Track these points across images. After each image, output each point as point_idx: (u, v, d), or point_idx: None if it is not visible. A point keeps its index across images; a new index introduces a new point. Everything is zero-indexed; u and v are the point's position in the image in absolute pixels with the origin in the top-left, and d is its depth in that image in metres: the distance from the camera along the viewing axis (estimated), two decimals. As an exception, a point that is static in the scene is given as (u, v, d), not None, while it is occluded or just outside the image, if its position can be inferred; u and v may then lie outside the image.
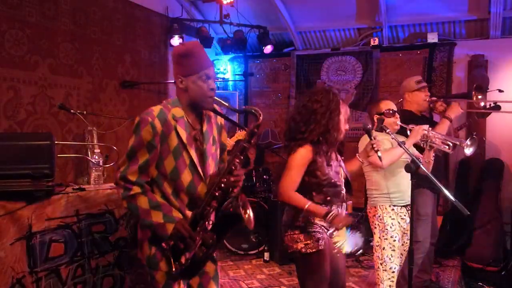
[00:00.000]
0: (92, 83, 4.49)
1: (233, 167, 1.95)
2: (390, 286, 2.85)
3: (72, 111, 3.20)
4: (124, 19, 4.91)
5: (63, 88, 4.19)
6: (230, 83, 6.79)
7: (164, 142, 1.90)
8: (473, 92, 3.49)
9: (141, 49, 5.15)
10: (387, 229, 2.85)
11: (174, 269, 1.90)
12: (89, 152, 3.06)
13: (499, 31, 5.18)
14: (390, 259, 2.84)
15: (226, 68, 6.74)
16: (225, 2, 5.47)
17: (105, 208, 2.62)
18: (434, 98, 3.57)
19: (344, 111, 2.42)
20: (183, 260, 1.91)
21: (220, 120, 2.15)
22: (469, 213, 2.23)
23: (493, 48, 5.26)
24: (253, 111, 2.01)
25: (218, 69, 6.65)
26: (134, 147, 1.89)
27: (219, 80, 6.51)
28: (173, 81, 5.10)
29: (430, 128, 2.93)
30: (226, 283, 4.16)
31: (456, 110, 3.39)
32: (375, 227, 2.90)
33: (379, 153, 2.47)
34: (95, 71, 4.54)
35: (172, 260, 1.91)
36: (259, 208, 4.99)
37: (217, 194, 1.93)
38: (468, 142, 2.95)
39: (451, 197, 2.31)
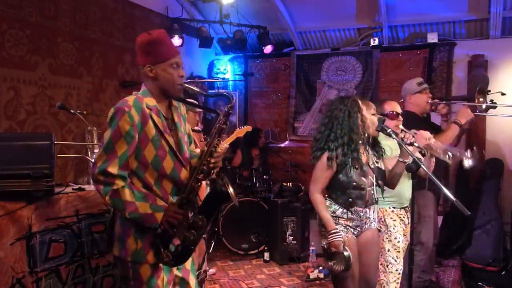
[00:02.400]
0: (92, 83, 4.49)
1: (213, 149, 1.98)
2: None
3: (72, 111, 3.19)
4: (124, 19, 4.91)
5: (63, 88, 4.19)
6: (230, 83, 6.79)
7: (142, 131, 1.86)
8: (476, 95, 3.43)
9: (141, 49, 5.15)
10: (390, 231, 2.86)
11: (166, 258, 1.89)
12: (89, 152, 3.05)
13: (499, 31, 5.18)
14: (395, 260, 2.85)
15: (226, 68, 6.73)
16: (225, 3, 5.47)
17: (105, 208, 2.62)
18: (436, 101, 3.51)
19: (366, 110, 2.55)
20: (171, 248, 1.91)
21: (183, 111, 2.16)
22: (469, 213, 2.23)
23: (493, 48, 5.26)
24: (225, 93, 2.15)
25: (218, 69, 6.66)
26: (112, 138, 1.82)
27: (219, 80, 6.51)
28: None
29: (433, 138, 2.90)
30: (226, 283, 4.16)
31: (467, 115, 3.28)
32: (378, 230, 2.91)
33: (416, 144, 2.47)
34: (95, 71, 4.54)
35: (162, 249, 1.89)
36: (259, 208, 4.99)
37: (200, 177, 1.96)
38: (468, 154, 2.92)
39: (452, 197, 2.30)
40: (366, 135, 2.56)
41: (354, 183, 2.45)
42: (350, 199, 2.46)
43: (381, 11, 5.46)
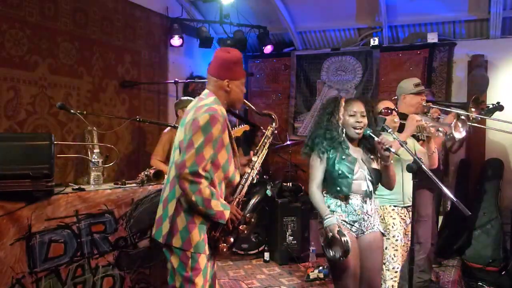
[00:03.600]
0: (92, 83, 4.49)
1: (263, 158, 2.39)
2: (392, 286, 2.86)
3: (72, 111, 3.19)
4: (124, 19, 4.91)
5: (63, 88, 4.19)
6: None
7: (221, 137, 2.13)
8: (470, 105, 3.41)
9: (141, 49, 5.15)
10: (389, 229, 2.86)
11: (225, 249, 2.22)
12: (89, 152, 3.05)
13: (499, 31, 5.18)
14: (393, 258, 2.85)
15: (226, 68, 6.72)
16: (225, 3, 5.47)
17: (105, 208, 2.62)
18: (429, 104, 3.49)
19: (345, 111, 2.58)
20: (231, 239, 2.23)
21: None
22: (470, 213, 2.23)
23: (493, 48, 5.26)
24: (272, 116, 2.57)
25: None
26: (204, 143, 2.05)
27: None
28: (173, 81, 5.12)
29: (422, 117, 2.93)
30: (226, 283, 4.16)
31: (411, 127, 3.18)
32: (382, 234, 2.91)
33: (392, 150, 2.44)
34: (95, 71, 4.54)
35: (222, 241, 2.21)
36: (259, 208, 4.98)
37: (250, 179, 2.35)
38: (459, 123, 2.92)
39: (453, 197, 2.31)
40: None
41: (340, 172, 2.50)
42: (338, 188, 2.51)
43: (381, 11, 5.46)
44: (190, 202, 2.09)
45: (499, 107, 3.63)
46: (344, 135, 2.58)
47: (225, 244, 2.22)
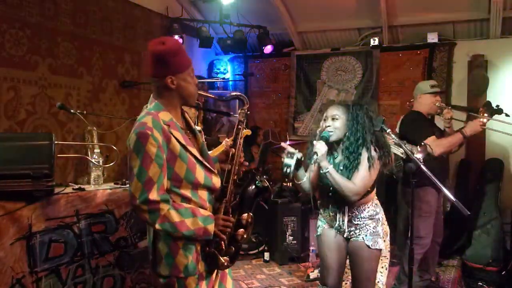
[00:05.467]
0: (92, 83, 4.49)
1: (239, 147, 2.06)
2: None
3: (72, 111, 3.19)
4: (124, 19, 4.91)
5: (63, 88, 4.18)
6: (230, 83, 6.79)
7: (167, 150, 1.81)
8: (481, 109, 3.51)
9: (141, 49, 5.15)
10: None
11: (225, 263, 1.94)
12: (89, 152, 3.06)
13: (499, 31, 5.18)
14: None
15: (226, 68, 6.73)
16: (225, 3, 5.47)
17: (105, 208, 2.62)
18: (443, 104, 3.64)
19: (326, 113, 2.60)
20: (231, 250, 1.98)
21: (191, 113, 2.20)
22: (469, 213, 2.23)
23: (493, 48, 5.26)
24: (240, 97, 2.10)
25: (218, 69, 6.66)
26: (143, 165, 1.75)
27: (219, 80, 6.51)
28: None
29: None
30: (226, 283, 4.16)
31: (475, 129, 3.35)
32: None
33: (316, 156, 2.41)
34: (95, 71, 4.54)
35: (219, 256, 1.93)
36: (259, 208, 4.99)
37: (236, 179, 2.04)
38: (419, 149, 3.11)
39: (452, 197, 2.31)
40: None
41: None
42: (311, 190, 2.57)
43: (381, 11, 5.46)
44: (161, 232, 1.82)
45: (498, 110, 3.64)
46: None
47: (226, 257, 1.95)
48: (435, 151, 3.27)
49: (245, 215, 2.01)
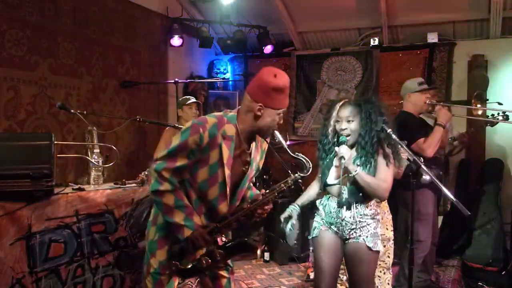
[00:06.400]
0: (92, 83, 4.49)
1: (267, 202, 2.10)
2: None
3: (72, 111, 3.19)
4: (124, 19, 4.91)
5: (63, 88, 4.19)
6: (230, 83, 6.78)
7: (205, 154, 1.95)
8: (473, 100, 3.51)
9: (141, 49, 5.15)
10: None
11: (173, 268, 2.02)
12: (89, 152, 3.05)
13: (499, 31, 5.18)
14: None
15: (226, 68, 6.73)
16: (225, 3, 5.46)
17: (105, 208, 2.62)
18: (433, 101, 3.56)
19: (338, 113, 2.55)
20: (185, 263, 2.03)
21: (264, 145, 2.24)
22: (469, 213, 2.23)
23: (493, 48, 5.25)
24: (304, 161, 2.18)
25: (218, 69, 6.65)
26: (178, 148, 1.93)
27: (219, 80, 6.50)
28: (173, 81, 5.10)
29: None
30: (226, 283, 4.16)
31: (445, 116, 3.38)
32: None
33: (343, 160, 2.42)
34: (95, 71, 4.54)
35: (172, 259, 2.04)
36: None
37: (242, 219, 2.09)
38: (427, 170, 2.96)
39: (452, 197, 2.31)
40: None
41: (320, 175, 2.63)
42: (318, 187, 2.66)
43: (381, 11, 5.46)
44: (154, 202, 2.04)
45: (504, 117, 3.61)
46: (335, 140, 2.57)
47: (175, 263, 2.03)
48: (427, 153, 3.25)
49: (220, 251, 2.05)
